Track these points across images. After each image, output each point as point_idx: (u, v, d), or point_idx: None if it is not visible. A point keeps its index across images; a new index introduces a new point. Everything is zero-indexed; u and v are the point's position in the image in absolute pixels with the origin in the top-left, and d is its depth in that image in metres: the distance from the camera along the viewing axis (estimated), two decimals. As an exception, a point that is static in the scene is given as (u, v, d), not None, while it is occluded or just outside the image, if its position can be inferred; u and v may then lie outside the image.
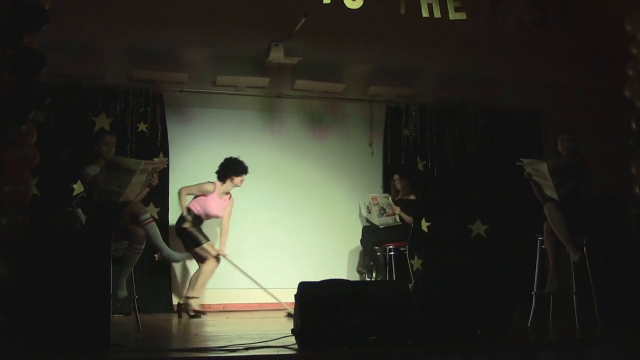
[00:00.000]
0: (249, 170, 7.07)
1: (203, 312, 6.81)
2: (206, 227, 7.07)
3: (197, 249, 6.78)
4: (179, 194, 6.86)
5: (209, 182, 6.97)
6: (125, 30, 7.26)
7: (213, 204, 6.96)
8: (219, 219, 7.09)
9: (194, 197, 6.95)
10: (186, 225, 6.76)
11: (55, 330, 3.89)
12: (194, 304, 6.75)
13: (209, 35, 7.55)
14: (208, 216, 7.00)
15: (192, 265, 7.24)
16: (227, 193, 7.08)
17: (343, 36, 7.63)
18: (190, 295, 6.77)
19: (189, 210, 6.85)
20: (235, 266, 7.03)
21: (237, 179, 6.99)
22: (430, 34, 7.37)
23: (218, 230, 7.28)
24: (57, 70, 6.58)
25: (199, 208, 6.92)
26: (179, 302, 6.92)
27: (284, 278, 7.38)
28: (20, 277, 3.97)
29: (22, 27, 4.19)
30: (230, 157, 7.02)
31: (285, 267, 7.57)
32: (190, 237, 6.77)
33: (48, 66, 4.29)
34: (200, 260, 6.89)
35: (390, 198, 7.59)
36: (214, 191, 6.95)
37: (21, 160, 4.20)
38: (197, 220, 6.89)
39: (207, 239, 6.83)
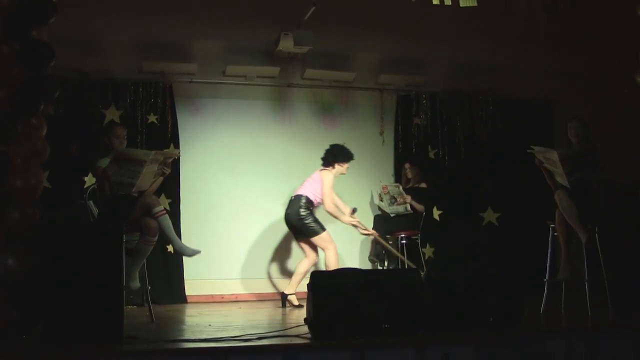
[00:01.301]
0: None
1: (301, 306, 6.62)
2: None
3: (315, 239, 6.69)
4: (332, 213, 6.80)
5: (325, 171, 6.90)
6: (134, 22, 7.24)
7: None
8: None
9: (306, 186, 6.87)
10: (303, 215, 6.67)
11: (68, 322, 3.91)
12: (294, 300, 6.75)
13: (218, 26, 7.53)
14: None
15: (202, 257, 7.24)
16: None
17: (353, 25, 7.60)
18: (287, 292, 6.80)
19: (308, 201, 6.76)
20: (386, 245, 7.14)
21: (345, 166, 6.96)
22: (440, 22, 7.33)
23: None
24: (66, 64, 6.57)
25: (318, 199, 6.85)
26: (282, 292, 6.88)
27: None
28: (32, 270, 3.99)
29: (30, 20, 4.19)
30: (336, 144, 6.99)
31: (297, 256, 7.58)
32: (309, 227, 6.66)
33: (57, 59, 4.29)
34: (313, 250, 6.86)
35: (401, 187, 7.58)
36: (334, 178, 6.93)
37: (31, 154, 4.21)
38: (313, 209, 6.80)
39: (324, 228, 6.74)
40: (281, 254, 7.75)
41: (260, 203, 7.72)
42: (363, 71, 8.14)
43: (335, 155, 6.93)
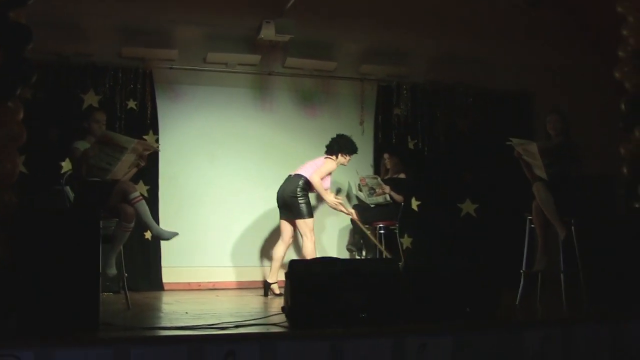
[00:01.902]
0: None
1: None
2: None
3: (300, 221, 6.63)
4: (315, 186, 6.69)
5: (328, 159, 6.86)
6: (115, 6, 7.17)
7: (330, 179, 6.91)
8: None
9: (307, 168, 6.80)
10: (299, 194, 6.61)
11: (44, 309, 3.88)
12: (275, 289, 6.74)
13: (200, 12, 7.47)
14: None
15: (180, 244, 7.23)
16: None
17: (335, 14, 7.58)
18: (270, 281, 6.78)
19: (306, 182, 6.69)
20: (365, 231, 7.16)
21: (347, 158, 6.95)
22: (423, 13, 7.33)
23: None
24: (45, 47, 6.52)
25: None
26: (265, 281, 6.89)
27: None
28: (8, 256, 3.94)
29: (8, 1, 4.12)
30: (343, 135, 6.98)
31: (276, 244, 7.57)
32: (299, 207, 6.60)
33: (36, 42, 4.23)
34: (290, 233, 6.82)
35: (379, 179, 7.58)
36: (336, 167, 6.90)
37: (8, 138, 4.15)
38: (308, 193, 6.75)
39: (312, 216, 6.71)
40: (261, 242, 7.73)
41: (239, 191, 7.70)
42: (344, 61, 8.13)
43: (340, 146, 6.92)
